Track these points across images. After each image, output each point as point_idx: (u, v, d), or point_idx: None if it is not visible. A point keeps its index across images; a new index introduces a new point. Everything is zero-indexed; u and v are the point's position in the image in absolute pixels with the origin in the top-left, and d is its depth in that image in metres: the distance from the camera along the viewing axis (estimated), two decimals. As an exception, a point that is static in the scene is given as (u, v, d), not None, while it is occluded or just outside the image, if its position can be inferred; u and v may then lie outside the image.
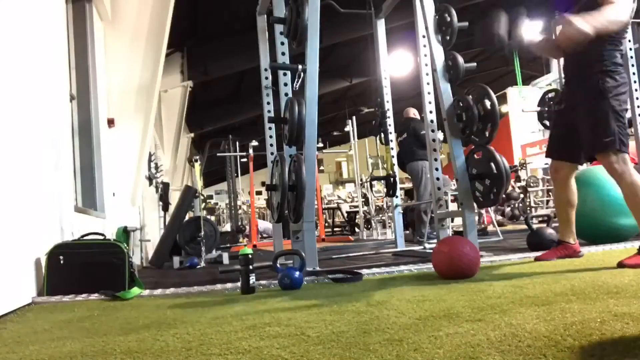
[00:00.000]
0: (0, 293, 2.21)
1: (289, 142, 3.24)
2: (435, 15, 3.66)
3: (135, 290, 2.70)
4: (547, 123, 5.58)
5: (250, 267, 2.45)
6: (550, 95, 5.55)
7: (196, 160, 6.07)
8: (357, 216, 10.36)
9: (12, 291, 2.38)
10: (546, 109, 5.51)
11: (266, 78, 4.33)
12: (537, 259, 2.93)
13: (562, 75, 2.88)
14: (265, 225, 11.36)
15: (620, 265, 2.36)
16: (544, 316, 1.41)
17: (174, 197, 7.28)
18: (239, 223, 11.80)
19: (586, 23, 2.30)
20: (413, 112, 6.49)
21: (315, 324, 1.54)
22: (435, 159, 3.89)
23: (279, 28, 3.65)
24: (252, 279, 2.45)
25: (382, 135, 5.05)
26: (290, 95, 3.56)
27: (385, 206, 9.69)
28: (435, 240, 4.50)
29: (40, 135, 3.00)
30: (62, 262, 2.79)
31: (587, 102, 2.57)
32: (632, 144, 7.50)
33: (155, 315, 1.96)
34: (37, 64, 3.06)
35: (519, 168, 10.18)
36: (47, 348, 1.49)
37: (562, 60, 2.84)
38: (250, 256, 2.46)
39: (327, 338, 1.35)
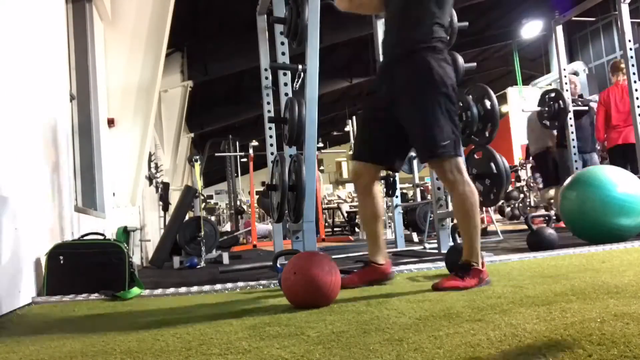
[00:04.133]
0: (0, 293, 2.21)
1: (289, 142, 3.24)
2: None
3: (135, 290, 2.70)
4: (547, 123, 5.60)
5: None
6: (550, 95, 5.58)
7: (196, 160, 6.07)
8: (357, 216, 10.35)
9: (12, 291, 2.38)
10: (546, 108, 5.53)
11: (266, 78, 4.33)
12: (342, 284, 2.03)
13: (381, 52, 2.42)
14: (261, 227, 11.30)
15: (435, 288, 2.07)
16: (544, 316, 1.41)
17: (174, 197, 7.28)
18: (239, 223, 11.80)
19: None
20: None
21: (315, 324, 1.54)
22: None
23: (279, 28, 3.64)
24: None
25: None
26: (290, 95, 3.56)
27: (384, 206, 9.67)
28: (435, 241, 4.50)
29: (41, 135, 3.00)
30: (62, 262, 2.78)
31: (414, 91, 2.14)
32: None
33: (155, 315, 1.96)
34: (37, 64, 3.06)
35: (519, 168, 10.18)
36: (47, 348, 1.49)
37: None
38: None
39: (327, 338, 1.35)
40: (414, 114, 2.16)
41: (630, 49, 4.79)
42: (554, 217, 4.08)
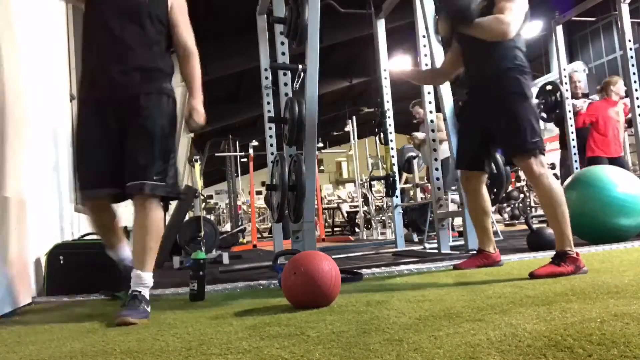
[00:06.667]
0: (0, 293, 2.21)
1: (289, 142, 3.24)
2: (435, 15, 3.67)
3: (136, 290, 2.70)
4: (544, 115, 5.66)
5: (201, 272, 2.42)
6: (548, 87, 5.64)
7: (196, 160, 6.06)
8: (357, 216, 10.35)
9: (12, 291, 2.38)
10: (543, 100, 5.59)
11: (266, 78, 4.33)
12: (455, 267, 2.80)
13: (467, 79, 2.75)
14: None
15: (532, 275, 2.24)
16: (544, 316, 1.41)
17: (174, 197, 7.26)
18: (239, 223, 11.79)
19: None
20: None
21: (315, 324, 1.54)
22: (435, 159, 3.90)
23: (279, 28, 3.65)
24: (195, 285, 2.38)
25: (382, 135, 5.06)
26: (290, 95, 3.56)
27: (385, 206, 9.68)
28: (435, 241, 4.50)
29: (40, 135, 3.00)
30: (62, 262, 2.79)
31: (505, 103, 2.45)
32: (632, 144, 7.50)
33: (155, 315, 1.96)
34: (38, 64, 3.06)
35: (519, 168, 10.17)
36: (47, 348, 1.49)
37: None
38: (202, 262, 2.43)
39: (327, 338, 1.35)
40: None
41: (630, 49, 4.80)
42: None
